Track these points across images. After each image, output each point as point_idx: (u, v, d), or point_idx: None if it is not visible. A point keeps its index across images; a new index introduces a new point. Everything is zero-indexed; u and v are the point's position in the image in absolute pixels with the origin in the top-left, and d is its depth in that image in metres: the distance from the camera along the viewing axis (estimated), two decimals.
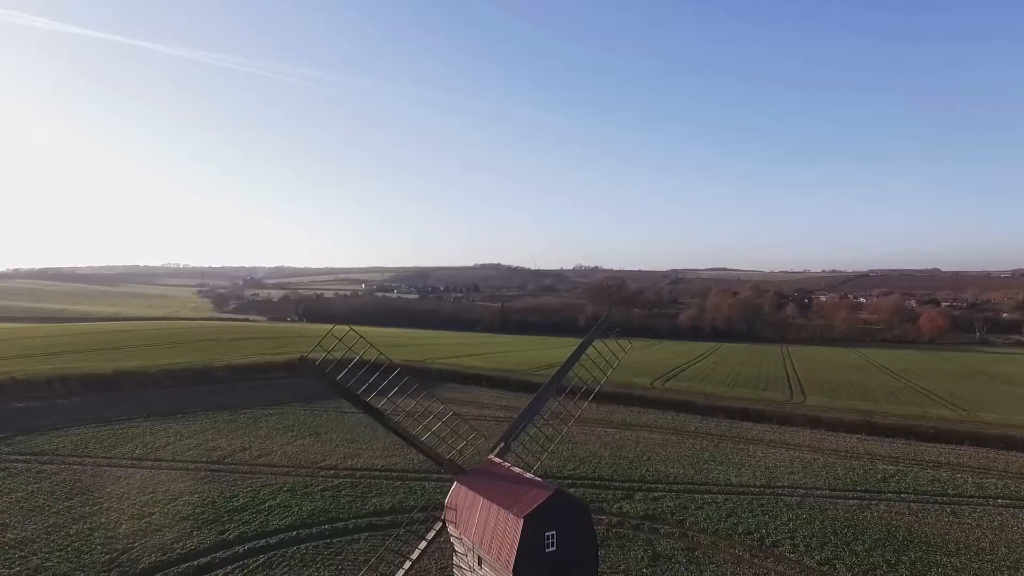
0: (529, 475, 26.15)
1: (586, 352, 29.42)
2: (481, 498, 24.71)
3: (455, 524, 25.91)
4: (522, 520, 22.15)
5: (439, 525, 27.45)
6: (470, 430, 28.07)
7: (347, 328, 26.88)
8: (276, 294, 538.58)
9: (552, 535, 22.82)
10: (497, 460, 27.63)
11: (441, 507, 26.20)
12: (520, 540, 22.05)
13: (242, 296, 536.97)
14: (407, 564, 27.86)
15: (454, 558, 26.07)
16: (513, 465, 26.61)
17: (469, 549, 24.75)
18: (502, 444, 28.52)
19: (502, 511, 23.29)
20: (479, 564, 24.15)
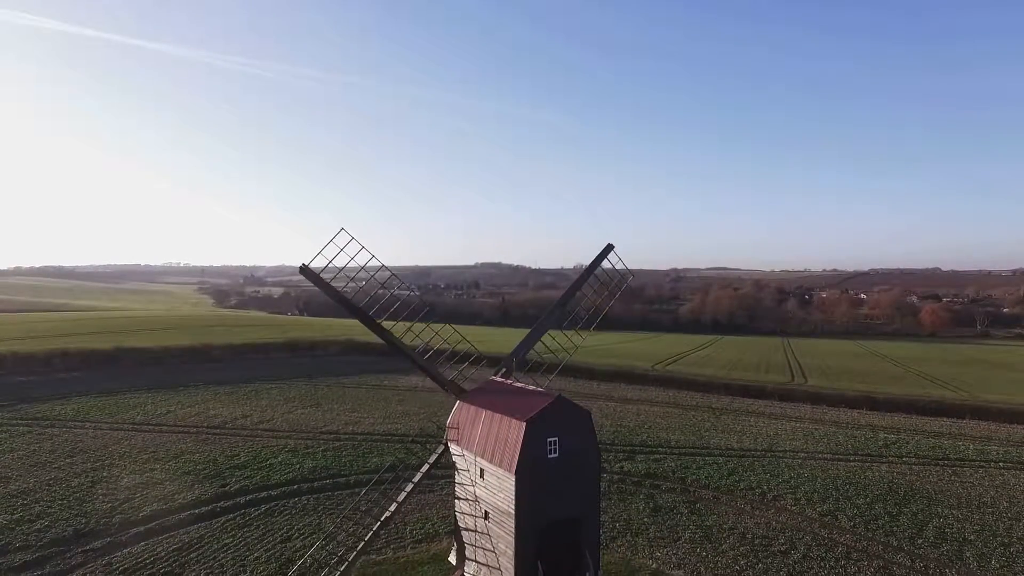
0: (532, 387, 26.18)
1: (594, 275, 29.48)
2: (483, 411, 24.68)
3: (457, 442, 25.87)
4: (524, 423, 22.08)
5: (441, 448, 27.42)
6: (472, 350, 28.05)
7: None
8: (276, 291, 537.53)
9: (555, 441, 22.75)
10: (499, 379, 27.67)
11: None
12: (522, 444, 21.98)
13: (243, 293, 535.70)
14: (408, 487, 27.85)
15: (456, 476, 26.01)
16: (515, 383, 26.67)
17: (471, 463, 24.71)
18: (504, 369, 28.52)
19: (504, 418, 23.25)
20: (481, 476, 24.11)
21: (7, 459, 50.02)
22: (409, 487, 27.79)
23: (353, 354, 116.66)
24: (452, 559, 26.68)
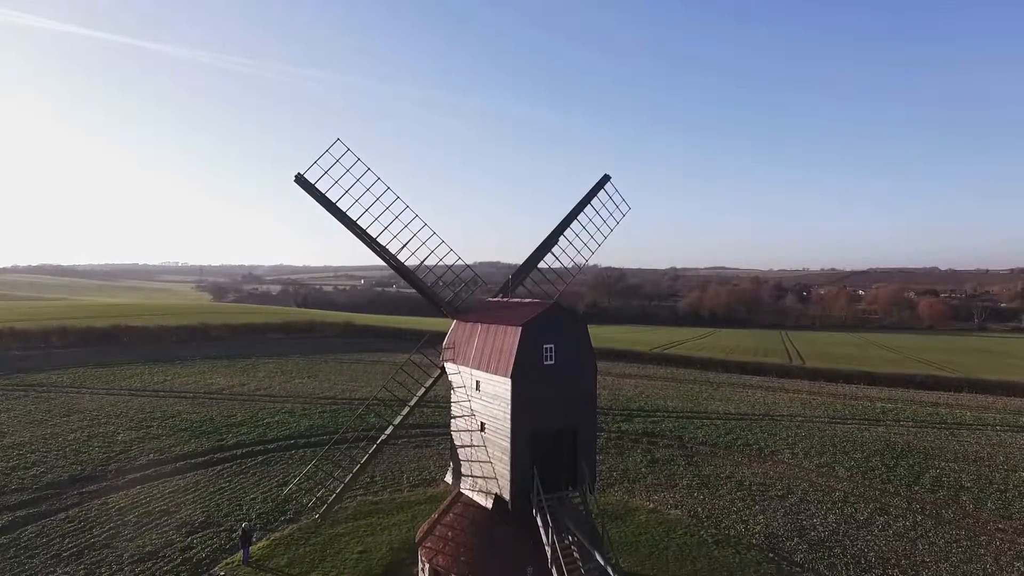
0: (528, 299, 26.14)
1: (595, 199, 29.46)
2: (479, 325, 24.60)
3: (453, 360, 25.79)
4: (520, 328, 22.01)
5: (437, 372, 27.34)
6: (469, 272, 27.91)
7: None
8: (275, 288, 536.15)
9: (551, 348, 22.67)
10: (495, 299, 27.61)
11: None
12: (518, 348, 21.87)
13: (241, 290, 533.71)
14: (405, 410, 27.81)
15: (452, 396, 25.93)
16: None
17: (467, 378, 24.63)
18: (501, 295, 28.44)
19: (500, 327, 23.18)
20: (477, 388, 24.04)
21: (3, 418, 49.78)
22: (406, 410, 27.76)
23: (351, 336, 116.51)
24: (448, 479, 26.62)
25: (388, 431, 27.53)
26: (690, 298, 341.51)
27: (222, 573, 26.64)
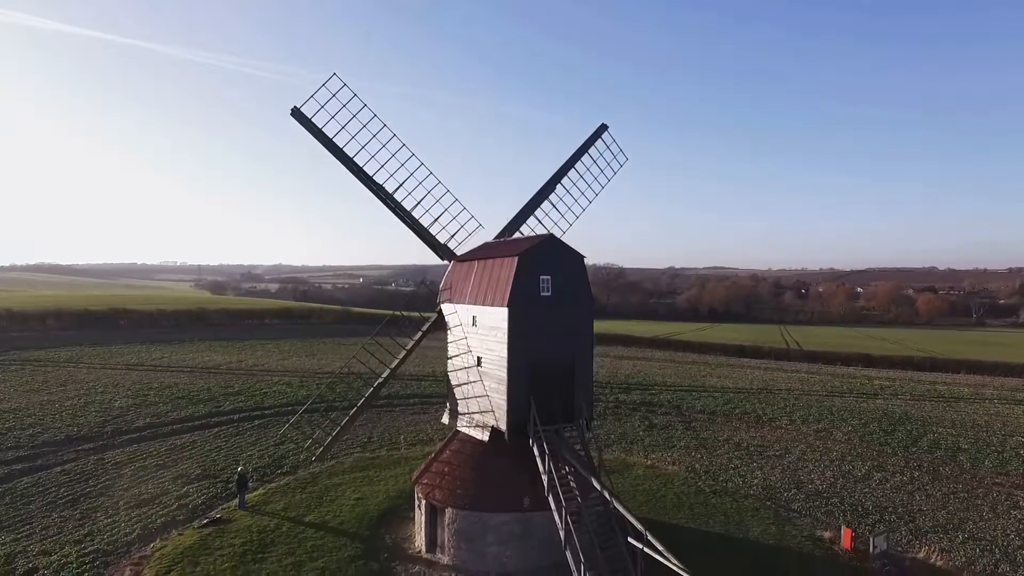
0: (525, 236, 26.11)
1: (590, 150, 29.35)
2: (476, 263, 24.57)
3: (450, 301, 25.74)
4: (516, 258, 21.97)
5: (434, 316, 27.29)
6: (466, 214, 27.77)
7: None
8: (273, 286, 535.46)
9: (548, 280, 22.62)
10: (493, 241, 27.56)
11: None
12: (514, 278, 21.80)
13: (239, 288, 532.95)
14: (402, 354, 27.74)
15: (448, 336, 25.88)
16: None
17: (463, 316, 24.56)
18: (501, 241, 28.38)
19: (496, 260, 23.13)
20: (473, 324, 23.99)
21: (0, 388, 49.66)
22: (403, 354, 27.69)
23: (350, 323, 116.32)
24: (445, 419, 26.56)
25: (385, 375, 27.46)
26: (689, 294, 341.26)
27: (219, 516, 26.57)
